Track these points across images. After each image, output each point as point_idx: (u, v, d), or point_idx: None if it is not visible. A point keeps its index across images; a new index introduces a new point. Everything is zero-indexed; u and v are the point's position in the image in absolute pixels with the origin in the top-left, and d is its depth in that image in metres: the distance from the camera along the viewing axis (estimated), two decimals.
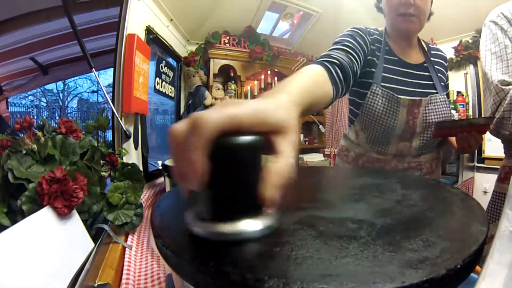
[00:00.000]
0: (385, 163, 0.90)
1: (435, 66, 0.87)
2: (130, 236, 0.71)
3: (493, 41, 0.80)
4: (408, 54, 0.87)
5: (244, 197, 0.25)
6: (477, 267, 0.24)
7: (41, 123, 0.66)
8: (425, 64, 0.87)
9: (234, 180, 0.24)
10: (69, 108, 9.17)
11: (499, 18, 0.80)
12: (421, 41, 0.90)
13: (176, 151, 0.24)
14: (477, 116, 2.10)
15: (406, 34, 0.84)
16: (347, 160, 0.96)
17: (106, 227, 0.63)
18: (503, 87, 0.75)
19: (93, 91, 9.33)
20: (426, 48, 0.89)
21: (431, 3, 0.83)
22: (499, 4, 0.83)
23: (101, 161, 0.70)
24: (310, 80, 0.48)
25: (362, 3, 2.06)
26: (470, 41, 2.10)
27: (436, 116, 0.83)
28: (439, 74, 0.87)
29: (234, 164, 0.24)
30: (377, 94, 0.81)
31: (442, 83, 0.87)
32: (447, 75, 0.91)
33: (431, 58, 0.88)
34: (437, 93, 0.84)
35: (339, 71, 0.60)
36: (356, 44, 0.73)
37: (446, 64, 0.91)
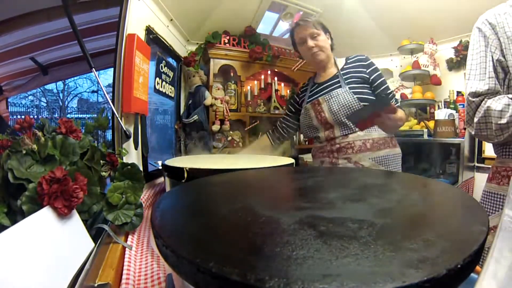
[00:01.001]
0: (323, 147, 1.29)
1: (349, 70, 1.24)
2: (130, 236, 0.71)
3: (475, 48, 0.84)
4: (322, 76, 1.32)
5: None
6: (477, 267, 0.24)
7: (41, 123, 0.66)
8: (336, 74, 1.26)
9: None
10: (69, 108, 9.17)
11: (484, 24, 0.83)
12: (336, 61, 1.31)
13: None
14: None
15: (320, 64, 1.29)
16: (313, 153, 1.40)
17: (106, 227, 0.63)
18: (473, 99, 0.80)
19: (93, 91, 9.34)
20: (344, 62, 1.29)
21: (330, 39, 1.29)
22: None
23: (101, 161, 0.70)
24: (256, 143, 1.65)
25: (362, 3, 2.06)
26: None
27: (337, 104, 1.19)
28: (352, 74, 1.22)
29: None
30: (304, 108, 1.33)
31: (355, 79, 1.21)
32: (371, 68, 1.23)
33: (345, 66, 1.27)
34: (339, 88, 1.21)
35: (275, 133, 1.53)
36: (291, 106, 1.47)
37: (365, 62, 1.24)
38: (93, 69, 1.02)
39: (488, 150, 1.97)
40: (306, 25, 1.23)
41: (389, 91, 1.22)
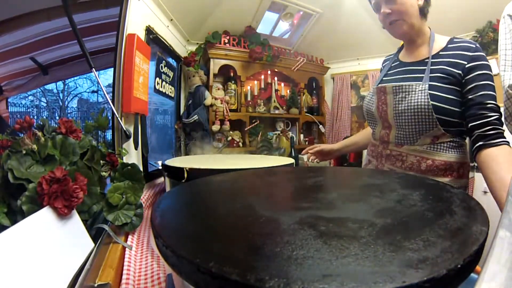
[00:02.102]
0: (375, 147, 1.02)
1: (444, 59, 0.85)
2: (130, 236, 0.71)
3: (508, 37, 0.75)
4: (410, 54, 0.95)
5: None
6: (477, 267, 0.24)
7: (41, 123, 0.66)
8: (426, 60, 0.88)
9: None
10: (69, 108, 9.17)
11: None
12: (433, 37, 0.90)
13: None
14: None
15: (402, 38, 0.92)
16: (368, 149, 1.11)
17: (106, 227, 0.62)
18: None
19: (93, 91, 9.34)
20: (445, 44, 0.88)
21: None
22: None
23: (101, 161, 0.70)
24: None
25: (362, 3, 2.06)
26: None
27: (406, 105, 0.86)
28: (444, 67, 0.83)
29: None
30: (370, 92, 1.02)
31: (444, 74, 0.83)
32: (473, 64, 0.80)
33: (441, 52, 0.87)
34: (419, 83, 0.84)
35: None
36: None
37: (469, 53, 0.81)
38: (93, 69, 1.02)
39: None
40: None
41: (489, 101, 0.76)
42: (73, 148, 0.59)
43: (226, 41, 2.08)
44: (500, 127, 0.76)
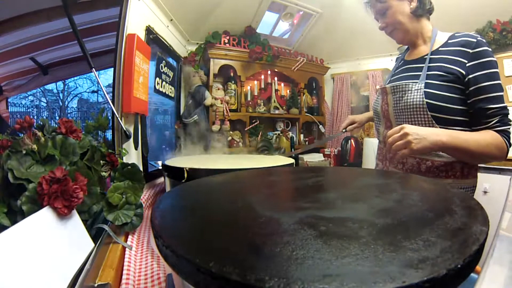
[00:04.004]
0: (381, 150, 1.05)
1: (443, 55, 0.84)
2: (130, 236, 0.71)
3: None
4: (412, 53, 0.97)
5: None
6: (477, 267, 0.24)
7: (41, 123, 0.66)
8: (425, 57, 0.89)
9: None
10: (69, 108, 9.17)
11: None
12: (435, 35, 0.90)
13: None
14: None
15: (403, 43, 0.99)
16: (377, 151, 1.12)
17: (106, 227, 0.62)
18: None
19: (93, 91, 9.34)
20: (442, 40, 0.88)
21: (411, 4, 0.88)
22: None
23: (101, 161, 0.70)
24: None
25: (362, 2, 2.05)
26: None
27: (403, 104, 0.87)
28: (442, 64, 0.83)
29: None
30: (377, 92, 1.04)
31: (442, 72, 0.82)
32: (475, 62, 0.78)
33: (440, 48, 0.86)
34: (415, 82, 0.86)
35: None
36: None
37: (471, 50, 0.79)
38: (93, 69, 1.02)
39: None
40: (371, 3, 0.95)
41: (490, 106, 0.77)
42: (73, 148, 0.59)
43: (226, 41, 2.08)
44: (499, 126, 0.78)
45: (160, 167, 1.27)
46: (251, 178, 0.64)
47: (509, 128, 0.78)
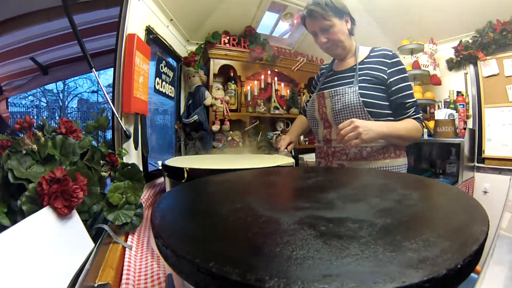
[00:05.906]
0: (321, 149, 1.21)
1: (368, 65, 1.07)
2: (130, 236, 0.71)
3: None
4: (341, 65, 1.17)
5: None
6: (477, 267, 0.24)
7: (41, 123, 0.66)
8: (354, 67, 1.10)
9: None
10: (69, 108, 9.18)
11: None
12: (358, 49, 1.14)
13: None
14: (477, 115, 2.10)
15: (337, 57, 1.19)
16: (315, 153, 1.29)
17: (106, 227, 0.62)
18: None
19: (93, 91, 9.34)
20: (367, 53, 1.11)
21: (350, 21, 1.11)
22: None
23: (101, 161, 0.70)
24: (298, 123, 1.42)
25: (362, 2, 2.06)
26: (470, 41, 2.09)
27: (341, 104, 1.06)
28: (369, 71, 1.05)
29: None
30: (312, 97, 1.20)
31: (370, 77, 1.05)
32: (394, 69, 1.05)
33: (365, 60, 1.09)
34: (350, 86, 1.06)
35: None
36: (312, 88, 1.31)
37: (389, 60, 1.05)
38: (93, 69, 1.02)
39: (488, 150, 1.97)
40: (315, 19, 1.06)
41: (408, 100, 1.04)
42: (73, 148, 0.59)
43: (226, 41, 2.08)
44: (415, 115, 1.05)
45: (160, 167, 1.26)
46: (251, 178, 0.64)
47: (421, 115, 1.07)
